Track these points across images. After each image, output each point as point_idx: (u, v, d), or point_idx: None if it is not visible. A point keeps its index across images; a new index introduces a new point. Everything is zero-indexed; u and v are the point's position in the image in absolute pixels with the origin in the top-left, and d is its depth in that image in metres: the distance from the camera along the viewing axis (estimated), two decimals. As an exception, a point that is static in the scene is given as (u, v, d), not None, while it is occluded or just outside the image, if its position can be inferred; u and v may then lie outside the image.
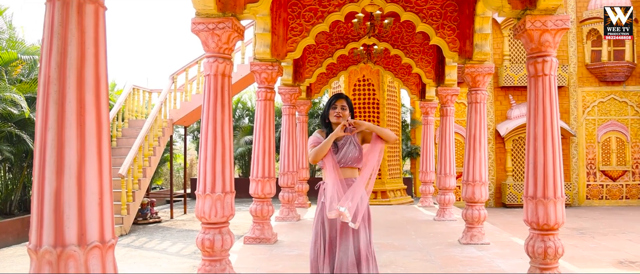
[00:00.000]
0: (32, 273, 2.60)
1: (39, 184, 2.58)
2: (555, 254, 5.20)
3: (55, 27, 2.62)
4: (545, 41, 5.23)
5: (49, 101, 2.59)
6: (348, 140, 4.02)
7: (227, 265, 5.52)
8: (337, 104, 4.07)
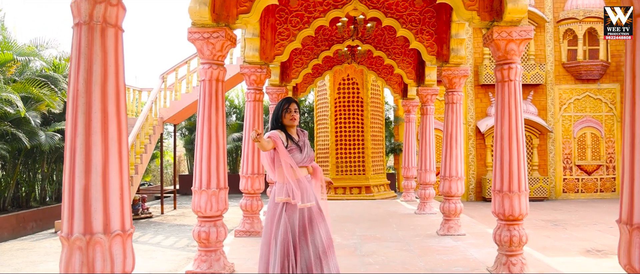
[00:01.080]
0: (65, 257, 3.07)
1: (69, 181, 3.05)
2: (520, 242, 5.75)
3: (82, 49, 3.09)
4: (510, 50, 5.76)
5: (77, 111, 3.06)
6: (306, 143, 4.48)
7: (221, 255, 6.01)
8: (291, 108, 4.53)
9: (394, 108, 21.29)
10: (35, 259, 9.02)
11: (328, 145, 16.12)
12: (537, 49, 19.48)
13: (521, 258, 5.84)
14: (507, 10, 5.65)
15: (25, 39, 15.24)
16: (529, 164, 19.01)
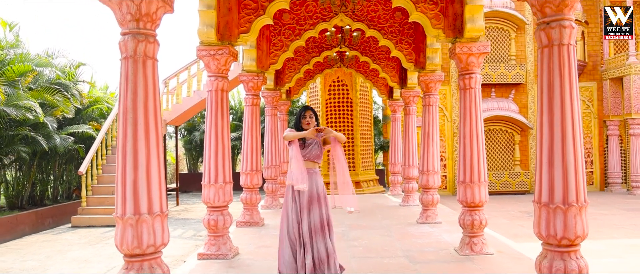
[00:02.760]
0: (120, 231, 4.10)
1: (121, 175, 4.07)
2: (480, 224, 6.82)
3: (129, 76, 4.12)
4: (471, 62, 6.82)
5: (127, 123, 4.09)
6: (314, 142, 5.57)
7: (228, 240, 7.05)
8: (306, 114, 5.64)
9: (383, 107, 22.36)
10: (61, 249, 10.05)
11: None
12: (517, 50, 20.53)
13: (482, 238, 6.90)
14: (466, 28, 6.71)
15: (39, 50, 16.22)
16: (511, 160, 20.09)
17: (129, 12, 4.09)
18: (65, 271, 8.32)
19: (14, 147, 11.83)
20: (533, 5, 4.20)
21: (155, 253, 4.19)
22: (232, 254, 6.98)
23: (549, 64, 4.09)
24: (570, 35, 4.06)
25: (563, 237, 4.00)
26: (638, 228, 11.70)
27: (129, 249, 4.05)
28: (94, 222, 12.79)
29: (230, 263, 6.69)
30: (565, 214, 3.98)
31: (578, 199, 3.99)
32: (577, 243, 4.06)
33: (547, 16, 4.10)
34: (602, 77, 20.35)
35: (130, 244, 4.04)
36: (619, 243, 10.02)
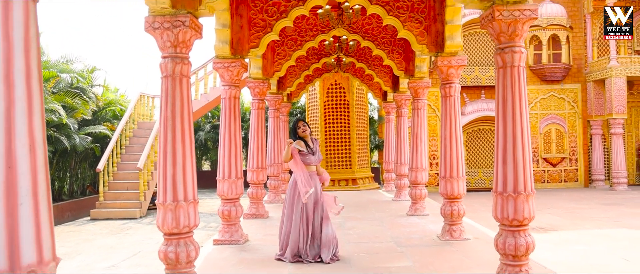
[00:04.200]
0: (161, 215, 5.14)
1: (163, 171, 5.11)
2: (459, 214, 7.88)
3: (169, 91, 5.15)
4: (451, 73, 7.87)
5: (167, 129, 5.13)
6: (317, 149, 6.67)
7: (239, 228, 8.10)
8: (300, 124, 6.86)
9: (378, 108, 23.41)
10: (87, 238, 11.14)
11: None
12: (506, 53, 21.57)
13: (460, 226, 7.96)
14: (446, 45, 7.77)
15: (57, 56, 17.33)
16: (500, 158, 21.13)
17: (168, 40, 5.13)
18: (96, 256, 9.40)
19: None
20: (491, 35, 5.25)
21: (189, 233, 5.23)
22: (243, 241, 8.03)
23: (503, 81, 5.14)
24: (520, 59, 5.11)
25: (514, 218, 5.05)
26: (611, 220, 12.77)
27: (169, 229, 5.09)
28: (111, 215, 13.86)
29: (242, 247, 7.73)
30: (515, 201, 5.03)
31: (526, 188, 5.04)
32: (525, 224, 5.10)
33: (502, 44, 5.15)
34: (586, 79, 21.44)
35: (170, 225, 5.08)
36: (589, 233, 11.10)
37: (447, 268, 6.20)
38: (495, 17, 5.06)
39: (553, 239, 10.68)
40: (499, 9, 5.05)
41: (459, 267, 6.24)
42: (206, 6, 5.47)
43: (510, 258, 5.12)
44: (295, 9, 7.99)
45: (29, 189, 2.37)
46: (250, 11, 8.12)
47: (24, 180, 2.36)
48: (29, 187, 2.38)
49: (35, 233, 2.40)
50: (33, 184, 2.40)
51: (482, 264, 6.13)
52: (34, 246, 2.40)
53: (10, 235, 2.32)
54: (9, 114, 2.31)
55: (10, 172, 2.32)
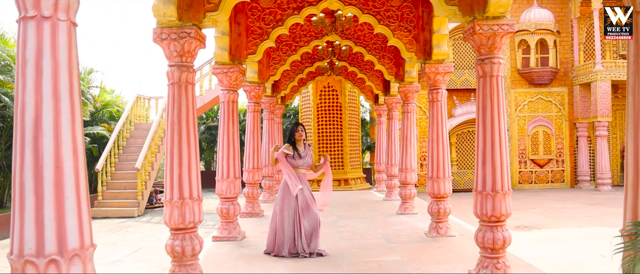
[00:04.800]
0: (168, 212, 5.56)
1: (170, 171, 5.54)
2: (445, 212, 8.34)
3: (175, 97, 5.58)
4: (438, 79, 8.33)
5: (174, 132, 5.55)
6: (307, 154, 7.10)
7: (237, 225, 8.53)
8: (298, 129, 7.25)
9: (370, 110, 23.87)
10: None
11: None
12: (495, 57, 22.07)
13: (446, 224, 8.43)
14: (434, 53, 8.23)
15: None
16: (489, 159, 21.63)
17: (175, 50, 5.56)
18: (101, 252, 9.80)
19: (41, 147, 13.28)
20: (473, 46, 5.72)
21: (194, 228, 5.66)
22: (241, 237, 8.47)
23: (483, 89, 5.60)
24: (498, 69, 5.57)
25: (492, 215, 5.51)
26: (593, 219, 13.27)
27: (175, 224, 5.52)
28: (109, 214, 14.26)
29: (240, 243, 8.17)
30: (493, 199, 5.49)
31: (503, 188, 5.50)
32: (502, 220, 5.56)
33: (482, 55, 5.61)
34: (573, 82, 21.98)
35: (176, 221, 5.51)
36: (571, 231, 11.60)
37: (432, 261, 6.65)
38: (476, 31, 5.52)
39: (536, 237, 11.17)
40: (479, 23, 5.52)
41: (443, 261, 6.69)
42: (210, 19, 5.90)
43: (488, 251, 5.58)
44: (291, 17, 8.42)
45: (72, 186, 2.80)
46: (248, 19, 8.56)
47: (69, 178, 2.78)
48: (73, 184, 2.80)
49: (78, 223, 2.83)
50: (76, 181, 2.83)
51: (465, 258, 6.58)
52: (77, 233, 2.83)
53: (59, 225, 2.74)
54: (56, 123, 2.74)
55: (58, 171, 2.74)
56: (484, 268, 5.62)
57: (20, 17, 2.78)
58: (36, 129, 2.70)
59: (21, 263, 2.71)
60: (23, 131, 2.71)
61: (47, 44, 2.75)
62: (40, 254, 2.70)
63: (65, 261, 2.76)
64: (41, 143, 2.71)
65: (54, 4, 2.77)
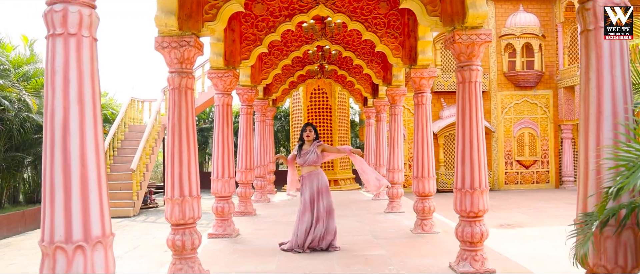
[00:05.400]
0: (169, 209, 5.95)
1: (171, 170, 5.93)
2: (429, 210, 8.77)
3: (175, 101, 5.97)
4: (422, 84, 8.75)
5: (174, 134, 5.94)
6: (310, 151, 7.49)
7: (231, 223, 8.93)
8: (307, 129, 7.65)
9: (359, 112, 24.30)
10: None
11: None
12: (482, 60, 22.52)
13: (431, 221, 8.86)
14: (419, 58, 8.67)
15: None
16: (476, 160, 22.08)
17: (175, 57, 5.96)
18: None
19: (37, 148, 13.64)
20: (453, 54, 6.15)
21: (193, 224, 6.05)
22: (235, 234, 8.86)
23: (462, 94, 6.03)
24: (476, 76, 6.00)
25: (470, 211, 5.94)
26: (574, 218, 13.73)
27: (176, 220, 5.91)
28: (105, 214, 14.62)
29: (234, 240, 8.56)
30: (472, 196, 5.92)
31: (480, 185, 5.93)
32: (480, 215, 5.99)
33: (462, 62, 6.04)
34: (557, 85, 22.52)
35: (177, 217, 5.90)
36: (552, 229, 12.05)
37: (416, 255, 7.07)
38: (456, 40, 5.96)
39: (519, 234, 11.62)
40: (459, 33, 5.95)
41: (426, 255, 7.11)
42: (208, 28, 6.30)
43: (467, 244, 6.01)
44: (283, 24, 8.83)
45: (95, 181, 3.19)
46: (242, 26, 8.96)
47: (92, 174, 3.18)
48: (96, 179, 3.20)
49: (100, 214, 3.22)
50: (98, 177, 3.22)
51: (447, 252, 7.00)
52: (100, 223, 3.22)
53: (84, 215, 3.13)
54: (82, 126, 3.13)
55: (83, 168, 3.14)
56: (463, 260, 6.05)
57: (49, 34, 3.17)
58: (64, 131, 3.10)
59: (52, 249, 3.10)
60: (53, 133, 3.10)
61: (73, 57, 3.14)
62: (69, 240, 3.10)
63: (90, 247, 3.16)
64: (69, 143, 3.11)
65: (78, 23, 3.17)
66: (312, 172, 7.60)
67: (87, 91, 3.18)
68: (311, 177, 7.57)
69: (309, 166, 7.60)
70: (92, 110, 3.20)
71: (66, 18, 3.14)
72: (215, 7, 6.35)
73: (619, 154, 3.13)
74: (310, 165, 7.60)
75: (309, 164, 7.58)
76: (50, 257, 3.12)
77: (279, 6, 8.81)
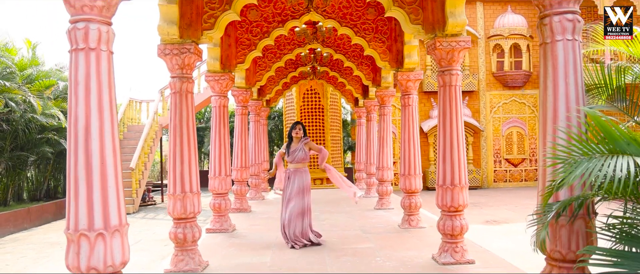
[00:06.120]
0: (172, 204, 6.39)
1: (173, 168, 6.37)
2: (416, 206, 9.25)
3: (176, 104, 6.42)
4: (409, 86, 9.23)
5: (176, 135, 6.39)
6: (298, 149, 7.92)
7: (228, 219, 9.39)
8: (296, 127, 8.02)
9: (351, 112, 24.76)
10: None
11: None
12: (471, 61, 23.09)
13: (418, 216, 9.34)
14: (405, 62, 9.15)
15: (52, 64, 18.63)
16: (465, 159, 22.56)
17: (176, 63, 6.40)
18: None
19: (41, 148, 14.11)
20: (435, 60, 6.62)
21: (193, 218, 6.50)
22: (231, 229, 9.32)
23: (443, 97, 6.50)
24: (456, 80, 6.47)
25: (451, 205, 6.41)
26: (557, 214, 14.23)
27: (178, 214, 6.36)
28: (105, 211, 15.14)
29: (231, 235, 9.03)
30: (452, 192, 6.39)
31: (460, 182, 6.41)
32: (460, 210, 6.47)
33: (443, 67, 6.51)
34: (545, 85, 22.97)
35: (179, 211, 6.35)
36: (535, 225, 12.52)
37: (402, 248, 7.55)
38: (437, 47, 6.43)
39: (503, 230, 12.11)
40: (440, 40, 6.43)
41: (411, 247, 7.60)
42: (206, 36, 6.74)
43: (449, 236, 6.49)
44: (276, 29, 9.27)
45: (113, 177, 3.64)
46: (237, 32, 9.41)
47: (110, 171, 3.63)
48: (113, 175, 3.65)
49: (117, 205, 3.68)
50: (115, 173, 3.67)
51: (431, 245, 7.47)
52: (117, 213, 3.67)
53: (104, 206, 3.59)
54: (101, 129, 3.58)
55: (103, 166, 3.59)
56: (445, 251, 6.54)
57: (72, 49, 3.62)
58: (86, 134, 3.55)
59: (77, 236, 3.55)
60: (76, 135, 3.55)
61: (93, 69, 3.59)
62: (91, 228, 3.55)
63: (109, 234, 3.62)
64: (90, 145, 3.56)
65: (98, 39, 3.62)
66: (299, 169, 8.02)
67: (105, 98, 3.63)
68: (297, 174, 7.98)
69: (296, 163, 8.00)
70: (109, 115, 3.66)
71: (87, 34, 3.58)
72: (213, 16, 6.78)
73: (557, 154, 3.60)
74: (299, 162, 8.01)
75: (297, 161, 7.98)
76: (75, 243, 3.57)
77: (272, 12, 9.26)
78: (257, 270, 6.52)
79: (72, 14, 3.63)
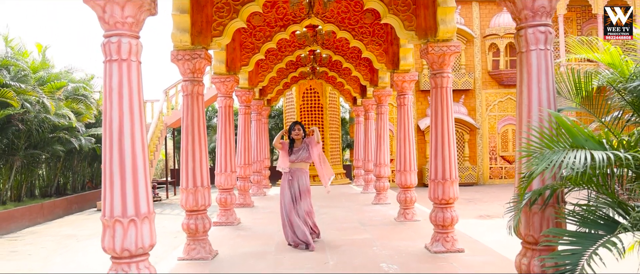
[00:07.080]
0: (184, 197, 6.92)
1: (186, 164, 6.89)
2: (411, 200, 9.79)
3: (188, 106, 6.93)
4: (404, 87, 9.76)
5: (188, 133, 6.91)
6: (302, 148, 8.34)
7: (233, 213, 9.92)
8: (295, 128, 8.44)
9: (350, 110, 25.29)
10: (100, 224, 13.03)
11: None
12: (467, 60, 23.63)
13: (413, 210, 9.88)
14: (401, 64, 9.68)
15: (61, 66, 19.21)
16: (461, 156, 23.15)
17: (188, 68, 6.93)
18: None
19: (52, 146, 14.68)
20: (427, 63, 7.16)
21: (204, 210, 7.03)
22: (237, 223, 9.87)
23: (435, 98, 7.04)
24: (447, 82, 6.99)
25: (442, 198, 6.94)
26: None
27: (190, 207, 6.89)
28: (113, 207, 15.76)
29: (236, 227, 9.57)
30: (443, 185, 6.93)
31: (451, 176, 6.94)
32: (451, 202, 6.99)
33: (435, 70, 7.05)
34: (539, 84, 23.47)
35: (191, 204, 6.88)
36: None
37: (397, 239, 8.10)
38: (429, 51, 6.97)
39: (495, 224, 12.61)
40: (432, 45, 6.96)
41: (406, 238, 8.14)
42: (215, 42, 7.27)
43: (440, 227, 7.03)
44: (278, 33, 9.77)
45: (142, 171, 4.17)
46: (242, 36, 9.94)
47: (140, 166, 4.15)
48: (143, 169, 4.17)
49: (146, 195, 4.20)
50: (144, 168, 4.20)
51: (424, 236, 7.98)
52: (146, 202, 4.20)
53: (135, 196, 4.11)
54: (132, 130, 4.11)
55: (134, 161, 4.11)
56: (436, 241, 7.07)
57: (107, 60, 4.14)
58: (120, 134, 4.08)
59: (112, 222, 4.08)
60: (111, 135, 4.08)
61: (125, 77, 4.12)
62: (124, 215, 4.08)
63: (140, 221, 4.15)
64: (123, 143, 4.09)
65: (128, 51, 4.14)
66: (300, 170, 8.07)
67: (135, 102, 4.17)
68: (298, 174, 8.01)
69: (299, 163, 8.12)
70: (139, 117, 4.18)
71: (120, 47, 4.11)
72: (222, 24, 7.31)
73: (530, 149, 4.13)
74: (302, 161, 8.14)
75: (300, 160, 8.11)
76: (111, 228, 4.11)
77: (274, 18, 9.77)
78: (263, 258, 7.05)
79: (106, 29, 4.15)
